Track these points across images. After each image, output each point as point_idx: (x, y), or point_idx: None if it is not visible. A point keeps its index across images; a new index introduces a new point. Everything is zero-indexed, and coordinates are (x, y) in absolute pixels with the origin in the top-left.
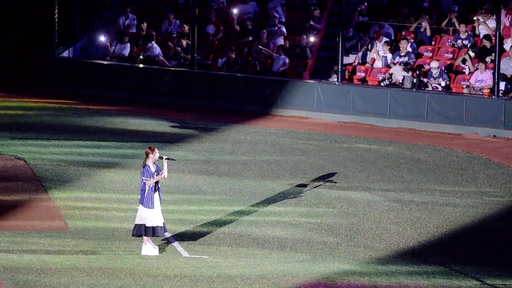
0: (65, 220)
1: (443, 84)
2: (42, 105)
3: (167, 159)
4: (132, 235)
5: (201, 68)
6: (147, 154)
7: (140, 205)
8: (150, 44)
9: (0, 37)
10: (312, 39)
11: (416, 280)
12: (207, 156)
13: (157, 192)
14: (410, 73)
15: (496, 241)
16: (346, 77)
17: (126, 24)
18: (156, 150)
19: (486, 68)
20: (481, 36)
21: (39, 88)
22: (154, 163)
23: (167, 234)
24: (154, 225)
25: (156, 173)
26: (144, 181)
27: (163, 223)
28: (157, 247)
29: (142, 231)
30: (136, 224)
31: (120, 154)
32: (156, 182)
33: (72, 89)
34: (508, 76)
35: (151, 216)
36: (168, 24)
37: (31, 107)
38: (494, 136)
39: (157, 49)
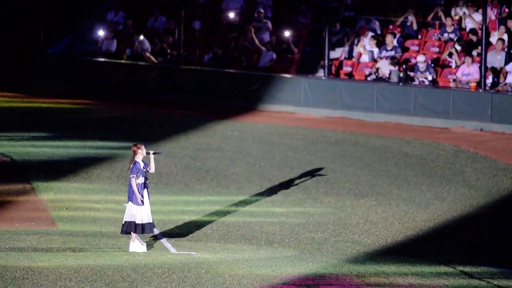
0: (53, 217)
1: (429, 78)
2: (29, 102)
3: (154, 153)
4: (121, 233)
5: (188, 64)
6: (134, 152)
7: (129, 202)
8: (141, 37)
9: None
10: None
11: (404, 274)
12: (194, 152)
13: (146, 189)
14: (396, 67)
15: (483, 235)
16: (333, 71)
17: (114, 20)
18: (143, 146)
19: (472, 61)
20: (467, 29)
21: (25, 85)
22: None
23: (155, 231)
24: (143, 222)
25: (144, 169)
26: (131, 177)
27: (152, 219)
28: (145, 243)
29: (132, 228)
30: (125, 221)
31: (108, 152)
32: (145, 179)
33: (59, 86)
34: (498, 69)
35: (141, 213)
36: (154, 20)
37: (18, 105)
38: (481, 129)
39: (147, 43)
